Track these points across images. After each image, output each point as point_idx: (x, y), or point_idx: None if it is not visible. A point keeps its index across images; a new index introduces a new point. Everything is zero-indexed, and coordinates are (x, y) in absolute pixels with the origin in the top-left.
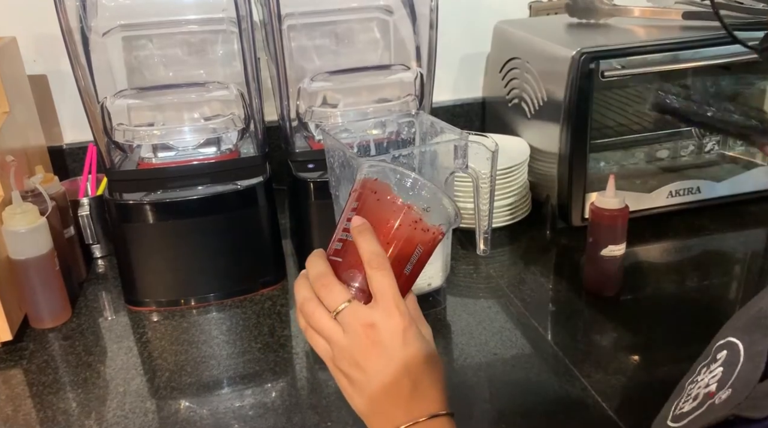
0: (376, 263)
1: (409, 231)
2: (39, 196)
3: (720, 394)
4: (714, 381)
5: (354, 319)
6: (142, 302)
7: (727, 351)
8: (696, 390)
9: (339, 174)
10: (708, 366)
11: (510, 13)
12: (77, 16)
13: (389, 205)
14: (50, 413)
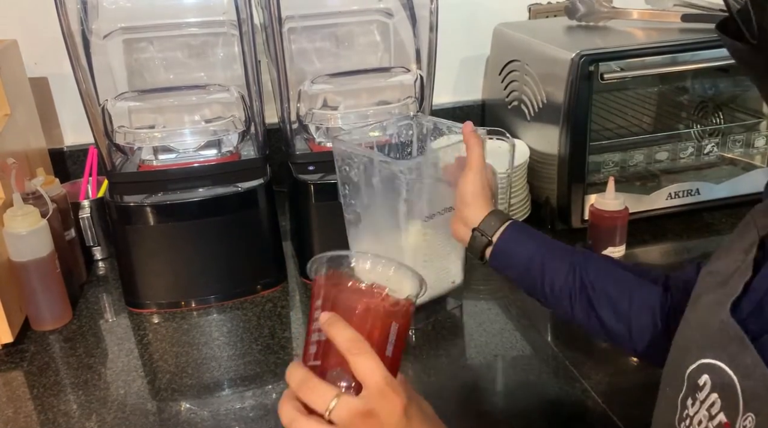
0: (356, 349)
1: (380, 312)
2: (40, 198)
3: (741, 422)
4: (717, 410)
5: (348, 413)
6: (142, 304)
7: (707, 374)
8: (698, 427)
9: (359, 181)
10: (692, 396)
11: (509, 16)
12: (78, 18)
13: (352, 292)
14: (51, 415)
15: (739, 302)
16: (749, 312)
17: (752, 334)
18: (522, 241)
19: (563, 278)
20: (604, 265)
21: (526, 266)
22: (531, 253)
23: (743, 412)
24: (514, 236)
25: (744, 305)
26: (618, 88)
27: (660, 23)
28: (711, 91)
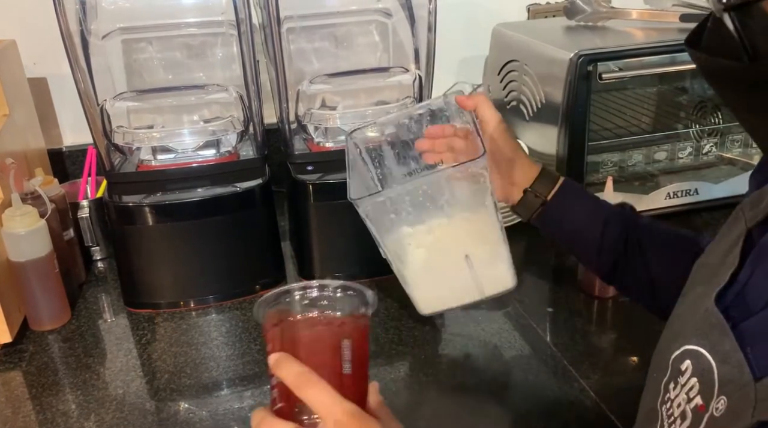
0: (302, 382)
1: (324, 335)
2: (39, 198)
3: (714, 405)
4: (695, 393)
5: None
6: (141, 304)
7: (690, 359)
8: (677, 409)
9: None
10: (674, 380)
11: (508, 16)
12: (77, 19)
13: (292, 326)
14: (50, 415)
15: (724, 292)
16: (731, 301)
17: (733, 321)
18: (575, 200)
19: (617, 233)
20: (650, 220)
21: (577, 226)
22: (585, 212)
23: (717, 395)
24: (568, 196)
25: (728, 295)
26: (616, 88)
27: (659, 23)
28: (710, 91)
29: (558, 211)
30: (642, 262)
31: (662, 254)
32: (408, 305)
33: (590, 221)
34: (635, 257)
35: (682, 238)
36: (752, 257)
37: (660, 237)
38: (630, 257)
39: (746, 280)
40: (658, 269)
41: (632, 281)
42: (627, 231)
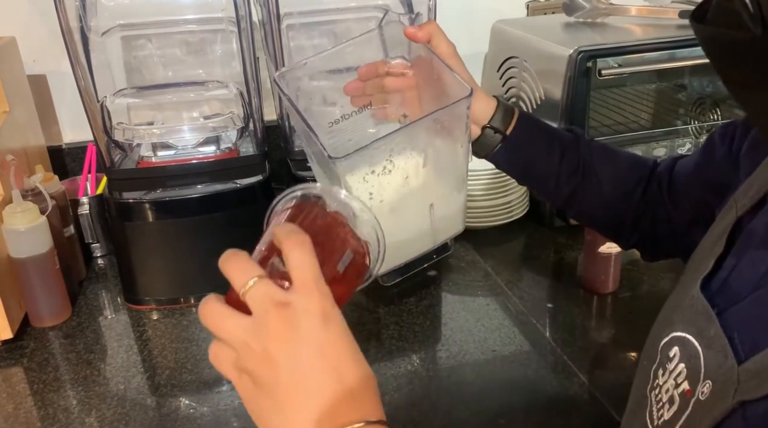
0: (294, 241)
1: (337, 228)
2: (39, 195)
3: (700, 389)
4: (682, 378)
5: (263, 296)
6: (142, 301)
7: (677, 346)
8: (665, 395)
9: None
10: (663, 367)
11: (507, 13)
12: (77, 15)
13: (315, 210)
14: (51, 411)
15: (710, 279)
16: (717, 288)
17: (718, 308)
18: (533, 132)
19: (575, 162)
20: (602, 144)
21: (536, 158)
22: (543, 144)
23: (703, 380)
24: (526, 129)
25: (714, 282)
26: (616, 85)
27: (657, 20)
28: (709, 87)
29: (517, 145)
30: (597, 186)
31: (617, 176)
32: (407, 301)
33: (548, 152)
34: (591, 183)
35: (634, 158)
36: (738, 244)
37: (614, 159)
38: (587, 183)
39: (732, 267)
40: (612, 190)
41: (588, 207)
42: (583, 158)
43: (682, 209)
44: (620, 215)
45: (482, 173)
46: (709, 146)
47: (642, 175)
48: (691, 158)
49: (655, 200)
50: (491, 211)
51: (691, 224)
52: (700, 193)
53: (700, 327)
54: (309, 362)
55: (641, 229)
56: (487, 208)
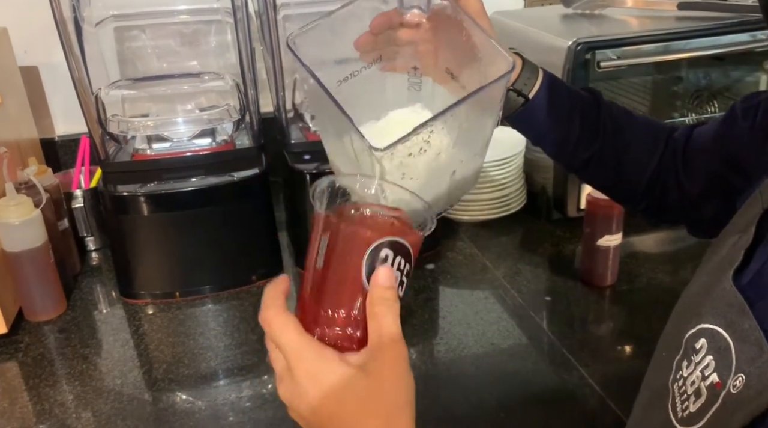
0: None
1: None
2: (33, 188)
3: (731, 382)
4: (710, 371)
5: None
6: (137, 295)
7: (705, 338)
8: (690, 387)
9: None
10: (688, 359)
11: (505, 4)
12: (70, 6)
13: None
14: (47, 406)
15: (740, 271)
16: (749, 280)
17: (750, 301)
18: (557, 96)
19: (594, 126)
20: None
21: (557, 123)
22: (566, 108)
23: (735, 373)
24: (550, 92)
25: (745, 274)
26: (613, 77)
27: (656, 11)
28: (705, 80)
29: (539, 109)
30: (614, 153)
31: (635, 144)
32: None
33: (569, 118)
34: (608, 150)
35: (652, 126)
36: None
37: (632, 126)
38: (604, 150)
39: (764, 259)
40: (628, 158)
41: (603, 173)
42: (603, 125)
43: (695, 180)
44: (633, 182)
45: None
46: (730, 118)
47: (658, 143)
48: (710, 129)
49: (669, 169)
50: (489, 204)
51: (701, 195)
52: (715, 166)
53: (732, 319)
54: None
55: (652, 196)
56: (485, 201)
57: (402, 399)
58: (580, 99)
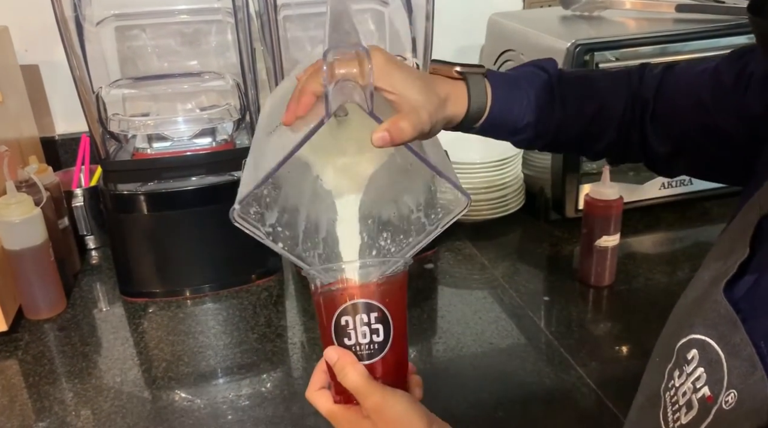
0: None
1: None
2: (33, 186)
3: (723, 398)
4: (701, 383)
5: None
6: (137, 293)
7: (696, 349)
8: (682, 398)
9: None
10: (679, 368)
11: (504, 6)
12: (72, 5)
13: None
14: (47, 403)
15: (734, 282)
16: (744, 293)
17: (744, 314)
18: (513, 95)
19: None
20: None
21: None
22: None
23: (726, 388)
24: (504, 95)
25: (739, 286)
26: None
27: (654, 13)
28: None
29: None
30: (573, 125)
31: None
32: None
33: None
34: (566, 125)
35: (613, 90)
36: (766, 246)
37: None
38: (562, 126)
39: (760, 271)
40: (586, 128)
41: (566, 139)
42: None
43: (664, 143)
44: (592, 143)
45: (478, 166)
46: (717, 86)
47: (621, 105)
48: (689, 91)
49: (633, 126)
50: (487, 204)
51: (670, 154)
52: (692, 133)
53: (723, 331)
54: None
55: (613, 153)
56: (483, 201)
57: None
58: (534, 84)
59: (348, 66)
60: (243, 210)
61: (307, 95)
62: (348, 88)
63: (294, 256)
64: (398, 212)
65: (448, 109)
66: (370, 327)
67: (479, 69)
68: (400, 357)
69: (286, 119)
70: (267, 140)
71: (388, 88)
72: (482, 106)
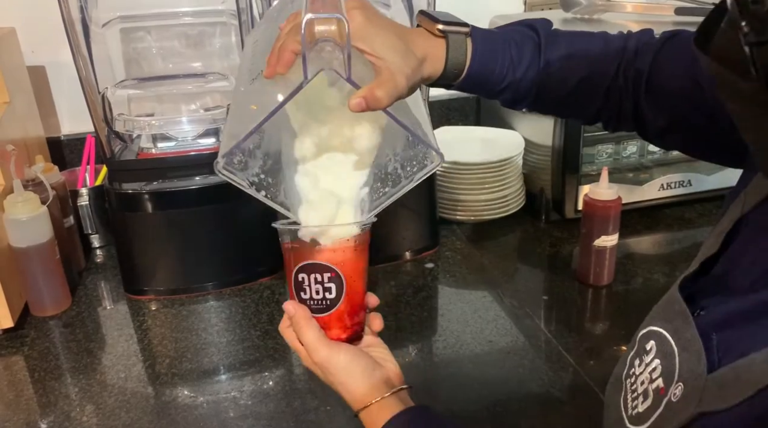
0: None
1: None
2: (39, 185)
3: (672, 390)
4: (657, 374)
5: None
6: (141, 291)
7: (654, 340)
8: (640, 386)
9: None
10: (639, 357)
11: (505, 8)
12: (78, 7)
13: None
14: (52, 398)
15: (697, 278)
16: (708, 286)
17: (703, 305)
18: (495, 55)
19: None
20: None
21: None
22: (505, 65)
23: (676, 381)
24: (485, 55)
25: (703, 281)
26: None
27: (654, 16)
28: None
29: (479, 74)
30: (559, 90)
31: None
32: (404, 293)
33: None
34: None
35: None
36: (738, 242)
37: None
38: (552, 79)
39: (729, 265)
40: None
41: (550, 102)
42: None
43: (657, 113)
44: (579, 109)
45: (479, 166)
46: None
47: (611, 71)
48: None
49: (626, 95)
50: (487, 205)
51: (664, 130)
52: (685, 110)
53: (677, 326)
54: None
55: (604, 119)
56: (484, 202)
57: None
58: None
59: (326, 24)
60: (228, 161)
61: (287, 53)
62: (326, 52)
63: (277, 204)
64: (379, 160)
65: (425, 69)
66: (323, 285)
67: (463, 28)
68: (355, 308)
69: (267, 73)
70: (249, 87)
71: (368, 50)
72: (460, 66)
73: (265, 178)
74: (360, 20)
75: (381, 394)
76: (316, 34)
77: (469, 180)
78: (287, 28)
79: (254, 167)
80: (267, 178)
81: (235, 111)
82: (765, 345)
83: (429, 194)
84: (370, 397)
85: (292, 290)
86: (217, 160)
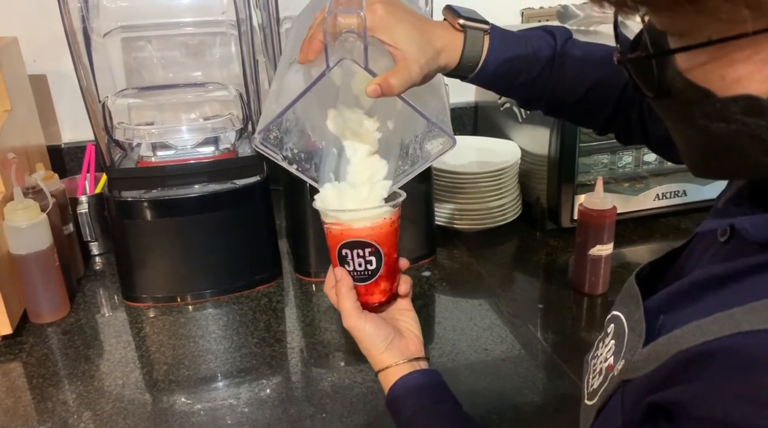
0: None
1: None
2: (40, 193)
3: (617, 366)
4: (610, 354)
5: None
6: (139, 298)
7: (614, 324)
8: (598, 365)
9: None
10: (603, 340)
11: (502, 20)
12: (80, 17)
13: None
14: (50, 404)
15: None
16: (669, 274)
17: (655, 289)
18: (510, 55)
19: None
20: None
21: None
22: (520, 67)
23: (622, 358)
24: (501, 54)
25: (667, 273)
26: None
27: None
28: None
29: (496, 70)
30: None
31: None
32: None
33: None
34: (564, 95)
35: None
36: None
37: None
38: (564, 86)
39: (686, 257)
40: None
41: (561, 107)
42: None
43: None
44: (589, 117)
45: (476, 176)
46: None
47: (621, 83)
48: None
49: (632, 106)
50: (484, 214)
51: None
52: None
53: (631, 309)
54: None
55: (614, 130)
56: (480, 211)
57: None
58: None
59: (348, 18)
60: (264, 136)
61: (315, 41)
62: (349, 43)
63: (309, 178)
64: (402, 140)
65: (441, 59)
66: (365, 259)
67: (482, 25)
68: (391, 275)
69: (299, 58)
70: (287, 70)
71: (388, 41)
72: (474, 61)
73: (298, 152)
74: (381, 13)
75: (396, 361)
76: (340, 26)
77: (466, 189)
78: (319, 18)
79: (289, 142)
80: (300, 153)
81: (275, 91)
82: (689, 322)
83: (426, 203)
84: (388, 361)
85: (335, 260)
86: (255, 135)
